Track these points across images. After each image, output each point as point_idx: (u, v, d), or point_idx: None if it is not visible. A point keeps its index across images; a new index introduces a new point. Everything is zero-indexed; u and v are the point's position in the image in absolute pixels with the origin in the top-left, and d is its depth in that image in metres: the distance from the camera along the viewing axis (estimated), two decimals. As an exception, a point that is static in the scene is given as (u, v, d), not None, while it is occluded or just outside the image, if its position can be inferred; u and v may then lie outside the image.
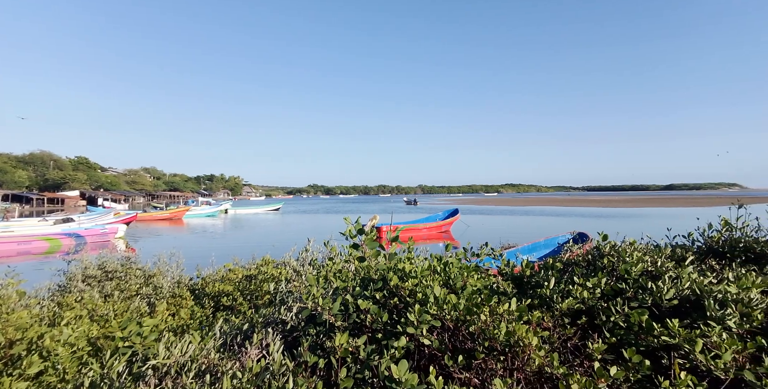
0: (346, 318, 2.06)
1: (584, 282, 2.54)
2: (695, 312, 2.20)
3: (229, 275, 3.80)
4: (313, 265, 3.60)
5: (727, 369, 1.63)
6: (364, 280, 2.50)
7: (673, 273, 2.53)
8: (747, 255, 2.65)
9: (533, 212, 40.66)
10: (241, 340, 1.98)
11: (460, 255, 3.27)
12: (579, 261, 3.31)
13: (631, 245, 3.23)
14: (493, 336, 1.89)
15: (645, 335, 2.04)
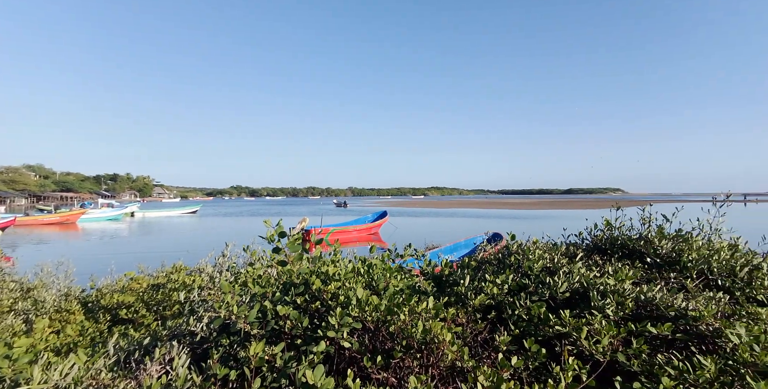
0: (264, 326, 1.98)
1: (494, 279, 2.76)
2: (582, 302, 2.50)
3: (131, 285, 3.40)
4: (232, 271, 3.39)
5: (605, 353, 1.89)
6: (285, 285, 2.42)
7: (566, 269, 2.85)
8: (623, 251, 3.10)
9: (456, 214, 43.07)
10: (140, 356, 1.78)
11: (385, 256, 3.34)
12: (491, 260, 3.58)
13: (534, 244, 3.60)
14: (411, 334, 1.95)
15: (543, 326, 2.27)
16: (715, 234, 2.89)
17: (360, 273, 2.65)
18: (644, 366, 1.77)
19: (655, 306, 2.25)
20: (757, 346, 1.67)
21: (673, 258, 2.76)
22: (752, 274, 2.42)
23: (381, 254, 3.39)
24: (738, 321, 1.95)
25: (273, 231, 2.38)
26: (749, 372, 1.56)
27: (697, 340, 1.96)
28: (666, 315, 2.17)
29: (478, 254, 3.92)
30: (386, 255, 3.33)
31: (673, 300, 2.21)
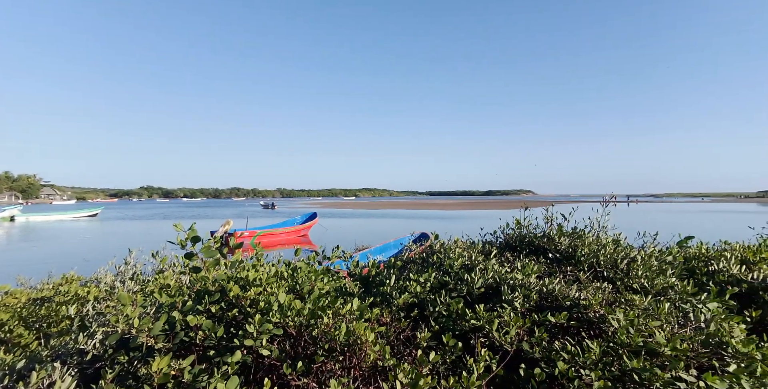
0: (171, 339, 1.81)
1: (418, 278, 2.85)
2: (495, 296, 2.70)
3: (5, 300, 2.88)
4: (136, 281, 3.05)
5: (512, 343, 2.06)
6: (199, 293, 2.24)
7: (482, 266, 3.05)
8: (530, 248, 3.42)
9: (388, 215, 43.87)
10: (11, 383, 1.51)
11: (312, 259, 3.27)
12: (416, 259, 3.71)
13: (455, 243, 3.81)
14: (334, 337, 1.93)
15: (460, 320, 2.41)
16: (602, 231, 3.32)
17: (283, 278, 2.56)
18: (544, 352, 1.96)
19: (554, 297, 2.51)
20: (632, 329, 1.95)
21: (570, 253, 3.11)
22: (630, 266, 2.82)
23: (308, 256, 3.32)
24: (618, 308, 2.26)
25: (185, 235, 2.19)
26: (625, 352, 1.82)
27: (587, 326, 2.23)
28: (563, 305, 2.44)
29: (404, 254, 4.03)
30: (313, 258, 3.27)
31: (569, 291, 2.49)
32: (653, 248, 3.12)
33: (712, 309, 2.12)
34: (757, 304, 2.36)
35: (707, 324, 2.01)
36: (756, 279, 2.44)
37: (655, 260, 2.82)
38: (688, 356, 1.80)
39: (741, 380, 1.46)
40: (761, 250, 2.82)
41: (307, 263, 2.85)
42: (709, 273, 2.73)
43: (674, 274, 2.68)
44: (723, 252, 2.95)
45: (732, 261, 2.68)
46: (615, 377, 1.70)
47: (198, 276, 2.31)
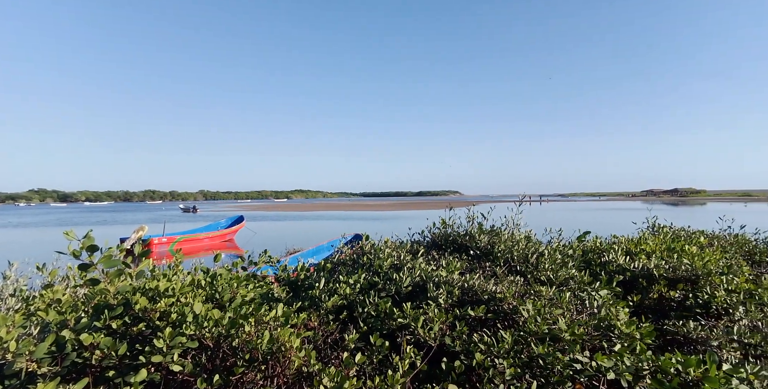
0: (60, 361, 1.58)
1: (347, 280, 2.85)
2: (422, 294, 2.79)
3: None
4: (19, 297, 2.62)
5: (436, 338, 2.15)
6: (97, 308, 1.99)
7: (410, 265, 3.14)
8: (454, 246, 3.61)
9: (322, 217, 43.20)
10: None
11: (237, 264, 3.10)
12: (347, 261, 3.70)
13: (385, 243, 3.88)
14: (256, 346, 1.84)
15: (388, 319, 2.45)
16: (516, 229, 3.62)
17: (200, 286, 2.38)
18: (464, 345, 2.08)
19: (474, 291, 2.67)
20: (539, 318, 2.14)
21: (489, 250, 3.34)
22: (539, 260, 3.12)
23: (232, 262, 3.14)
24: (528, 299, 2.47)
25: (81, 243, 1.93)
26: (533, 339, 2.00)
27: (502, 317, 2.41)
28: (482, 299, 2.60)
29: (335, 256, 4.00)
30: (237, 263, 3.10)
31: (487, 285, 2.67)
32: (558, 243, 3.48)
33: (603, 296, 2.42)
34: (637, 290, 2.75)
35: (599, 309, 2.30)
36: (637, 268, 2.85)
37: (559, 254, 3.14)
38: (584, 339, 2.03)
39: (624, 358, 1.69)
40: (641, 243, 3.30)
41: (228, 269, 2.69)
42: (602, 264, 3.12)
43: (574, 266, 3.02)
44: (612, 245, 3.39)
45: (619, 253, 3.09)
46: (524, 363, 1.86)
47: (97, 289, 2.05)
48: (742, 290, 2.32)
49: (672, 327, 2.17)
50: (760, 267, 3.34)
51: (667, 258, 2.84)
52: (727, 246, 3.46)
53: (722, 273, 2.52)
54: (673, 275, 2.65)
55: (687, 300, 2.43)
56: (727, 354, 1.88)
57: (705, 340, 1.97)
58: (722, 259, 2.88)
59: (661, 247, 3.11)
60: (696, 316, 2.30)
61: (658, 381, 1.51)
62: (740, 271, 2.65)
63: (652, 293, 2.62)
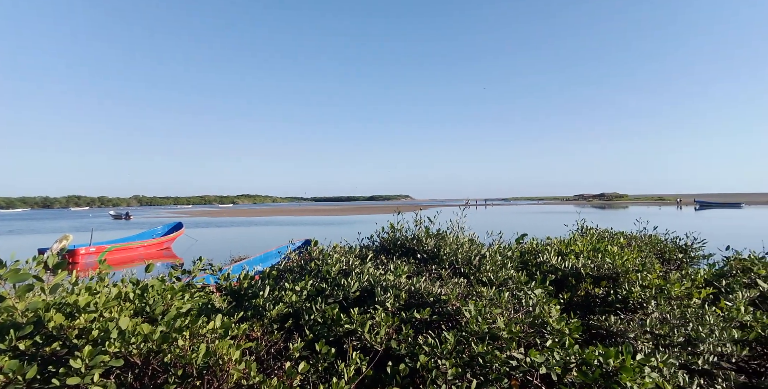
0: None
1: (293, 287, 2.78)
2: (370, 299, 2.80)
3: None
4: None
5: (382, 342, 2.16)
6: (2, 328, 1.76)
7: (359, 270, 3.13)
8: (402, 250, 3.67)
9: (273, 222, 41.75)
10: None
11: (172, 275, 2.90)
12: (294, 268, 3.60)
13: (334, 249, 3.84)
14: (190, 361, 1.73)
15: (335, 326, 2.42)
16: (460, 232, 3.76)
17: (128, 299, 2.19)
18: (409, 348, 2.11)
19: (420, 294, 2.73)
20: (480, 318, 2.23)
21: (435, 253, 3.43)
22: (481, 261, 3.26)
23: (168, 272, 2.93)
24: (470, 300, 2.57)
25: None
26: (474, 339, 2.08)
27: (446, 319, 2.49)
28: (427, 301, 2.66)
29: (282, 263, 3.89)
30: (173, 273, 2.90)
31: (432, 288, 2.73)
32: (498, 245, 3.67)
33: (538, 295, 2.58)
34: (567, 288, 2.98)
35: (534, 307, 2.45)
36: (567, 268, 3.09)
37: (499, 256, 3.31)
38: (520, 337, 2.15)
39: (554, 352, 1.81)
40: (570, 244, 3.58)
41: (162, 280, 2.50)
42: (537, 264, 3.33)
43: (513, 267, 3.19)
44: (546, 246, 3.64)
45: (552, 254, 3.33)
46: (465, 363, 1.93)
47: (2, 307, 1.81)
48: (654, 286, 2.61)
49: (596, 322, 2.37)
50: (669, 264, 3.77)
51: (593, 258, 3.10)
52: (642, 245, 3.87)
53: (638, 270, 2.81)
54: (597, 273, 2.90)
55: (609, 296, 2.67)
56: (642, 344, 2.09)
57: (623, 333, 2.18)
58: (638, 258, 3.21)
59: (588, 248, 3.40)
60: (616, 311, 2.54)
61: (582, 373, 1.64)
62: (653, 269, 2.98)
63: (580, 290, 2.85)
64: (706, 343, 2.00)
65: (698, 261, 3.89)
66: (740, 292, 2.56)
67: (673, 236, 4.24)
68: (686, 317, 2.22)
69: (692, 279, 2.92)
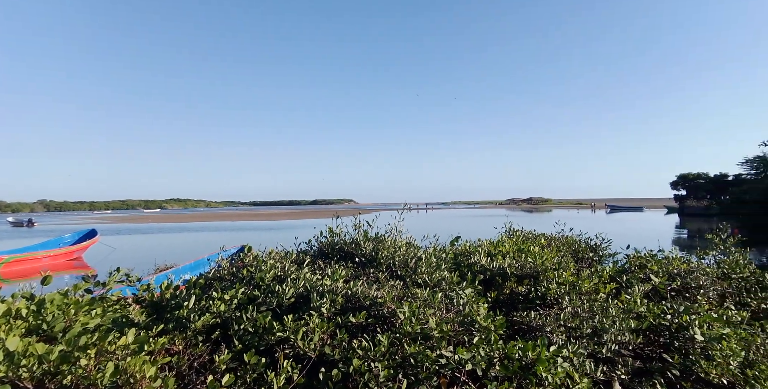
0: None
1: (222, 296, 2.62)
2: (306, 305, 2.73)
3: None
4: None
5: (315, 349, 2.12)
6: None
7: (295, 275, 3.05)
8: (340, 254, 3.64)
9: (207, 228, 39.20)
10: None
11: (80, 287, 2.59)
12: (225, 275, 3.41)
13: (269, 254, 3.70)
14: (95, 381, 1.55)
15: (267, 334, 2.33)
16: (398, 235, 3.83)
17: (20, 316, 1.91)
18: (343, 353, 2.09)
19: (357, 298, 2.72)
20: (414, 319, 2.29)
21: (373, 257, 3.46)
22: (417, 264, 3.34)
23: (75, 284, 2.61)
24: (405, 302, 2.62)
25: None
26: (407, 340, 2.12)
27: (382, 322, 2.51)
28: (364, 305, 2.67)
29: (211, 271, 3.66)
30: (81, 286, 2.59)
31: (369, 291, 2.75)
32: (434, 247, 3.80)
33: (468, 294, 2.71)
34: (495, 286, 3.17)
35: (464, 306, 2.56)
36: (495, 268, 3.28)
37: (434, 258, 3.42)
38: (450, 335, 2.23)
39: (480, 348, 1.91)
40: (498, 245, 3.82)
41: (64, 293, 2.22)
42: (469, 265, 3.50)
43: (446, 268, 3.32)
44: (477, 248, 3.84)
45: (482, 255, 3.52)
46: (398, 364, 1.96)
47: None
48: (568, 283, 2.87)
49: (519, 318, 2.55)
50: (582, 262, 4.18)
51: (518, 258, 3.33)
52: (560, 246, 4.25)
53: (555, 269, 3.08)
54: (521, 272, 3.12)
55: (530, 293, 2.89)
56: (556, 337, 2.28)
57: (541, 327, 2.36)
58: (556, 257, 3.51)
59: (513, 249, 3.65)
60: (536, 307, 2.75)
61: (504, 367, 1.74)
62: (568, 267, 3.28)
63: (506, 289, 3.05)
64: (609, 333, 2.24)
65: (605, 259, 4.37)
66: (637, 286, 2.92)
67: (586, 237, 4.72)
68: (593, 310, 2.47)
69: (599, 276, 3.26)
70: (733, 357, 1.95)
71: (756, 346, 2.04)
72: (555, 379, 1.70)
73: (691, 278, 3.21)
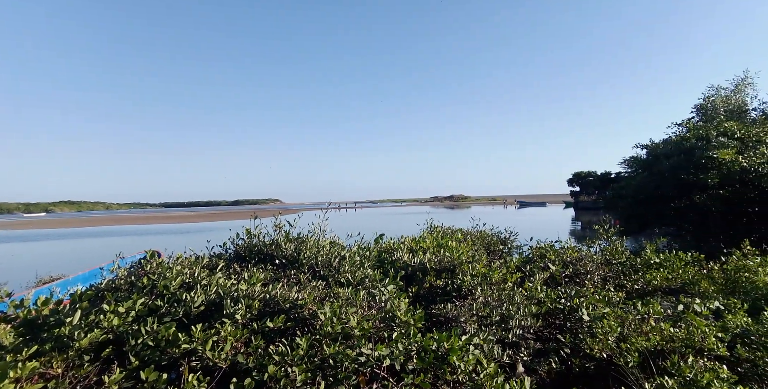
0: None
1: (116, 308, 2.32)
2: (218, 312, 2.54)
3: None
4: None
5: (227, 358, 1.97)
6: None
7: (206, 281, 2.82)
8: (259, 257, 3.45)
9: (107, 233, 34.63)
10: None
11: None
12: (121, 285, 3.03)
13: (177, 260, 3.36)
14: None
15: (171, 347, 2.10)
16: (322, 235, 3.76)
17: None
18: (258, 360, 1.98)
19: (276, 302, 2.60)
20: (335, 319, 2.25)
21: (295, 258, 3.34)
22: (340, 263, 3.31)
23: None
24: (327, 302, 2.57)
25: None
26: (327, 340, 2.07)
27: (302, 324, 2.43)
28: (283, 308, 2.56)
29: (103, 281, 3.22)
30: None
31: (289, 293, 2.64)
32: (358, 246, 3.79)
33: (390, 291, 2.75)
34: (416, 281, 3.27)
35: (386, 303, 2.60)
36: (416, 263, 3.39)
37: (358, 256, 3.42)
38: (371, 332, 2.24)
39: (398, 343, 1.94)
40: (420, 241, 3.96)
41: None
42: (392, 261, 3.57)
43: (370, 266, 3.34)
44: (401, 244, 3.94)
45: (404, 251, 3.61)
46: (317, 366, 1.91)
47: None
48: (481, 274, 3.08)
49: (437, 310, 2.65)
50: (494, 255, 4.52)
51: (437, 253, 3.48)
52: (475, 240, 4.55)
53: (469, 262, 3.28)
54: (439, 267, 3.27)
55: (448, 286, 3.04)
56: (469, 326, 2.42)
57: (456, 317, 2.49)
58: (470, 251, 3.75)
59: (434, 244, 3.80)
60: (453, 299, 2.89)
61: (420, 359, 1.79)
62: (481, 259, 3.52)
63: (426, 283, 3.16)
64: (514, 319, 2.44)
65: (513, 250, 4.78)
66: (538, 275, 3.24)
67: (497, 231, 5.12)
68: (502, 299, 2.68)
69: (507, 267, 3.55)
70: (611, 333, 2.26)
71: (628, 322, 2.39)
72: (467, 367, 1.79)
73: (580, 265, 3.65)
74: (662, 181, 9.72)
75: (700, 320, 2.32)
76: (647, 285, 3.64)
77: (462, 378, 1.80)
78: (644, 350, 2.17)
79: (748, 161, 8.04)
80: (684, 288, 3.59)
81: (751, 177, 8.00)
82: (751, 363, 2.15)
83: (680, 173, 9.15)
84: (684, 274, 3.75)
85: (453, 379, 1.79)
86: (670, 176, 9.47)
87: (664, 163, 9.73)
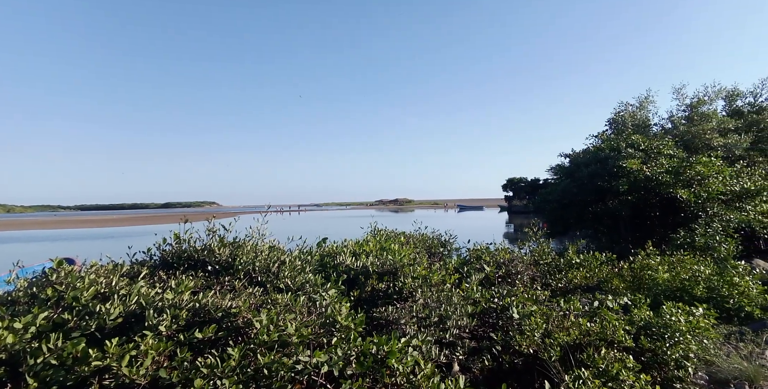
0: None
1: (11, 324, 2.01)
2: (138, 324, 2.31)
3: None
4: None
5: (147, 374, 1.79)
6: None
7: (125, 291, 2.55)
8: (189, 263, 3.20)
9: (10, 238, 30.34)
10: None
11: None
12: (20, 298, 2.65)
13: (91, 268, 3.01)
14: None
15: (79, 365, 1.88)
16: (260, 239, 3.59)
17: None
18: (184, 374, 1.82)
19: (207, 311, 2.42)
20: (272, 326, 2.15)
21: (230, 263, 3.15)
22: (280, 268, 3.18)
23: None
24: (264, 309, 2.45)
25: None
26: (262, 349, 1.98)
27: (235, 333, 2.29)
28: (215, 317, 2.39)
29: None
30: None
31: (222, 301, 2.48)
32: (299, 250, 3.68)
33: (331, 295, 2.70)
34: (358, 285, 3.25)
35: (326, 308, 2.54)
36: (359, 267, 3.37)
37: (299, 260, 3.32)
38: (311, 339, 2.18)
39: (337, 349, 1.90)
40: (363, 244, 3.95)
41: None
42: (335, 265, 3.51)
43: (311, 270, 3.25)
44: (344, 248, 3.89)
45: (347, 255, 3.57)
46: (249, 377, 1.81)
47: None
48: (421, 276, 3.14)
49: (378, 314, 2.66)
50: (434, 257, 4.66)
51: (380, 256, 3.49)
52: (417, 243, 4.65)
53: (411, 264, 3.34)
54: (381, 270, 3.28)
55: (389, 289, 3.06)
56: (409, 328, 2.46)
57: (397, 320, 2.51)
58: (412, 253, 3.82)
59: (376, 247, 3.81)
60: (394, 301, 2.92)
61: (359, 363, 1.77)
62: (422, 262, 3.60)
63: (368, 286, 3.16)
64: (451, 320, 2.52)
65: (452, 252, 4.97)
66: (474, 276, 3.39)
67: (438, 234, 5.29)
68: (440, 300, 2.76)
69: (446, 268, 3.67)
70: (537, 330, 2.43)
71: (552, 319, 2.59)
72: (405, 369, 1.81)
73: (512, 266, 3.89)
74: (582, 187, 10.74)
75: (611, 315, 2.58)
76: (569, 283, 3.98)
77: (400, 380, 1.81)
78: (565, 344, 2.36)
79: (650, 170, 9.18)
80: (599, 286, 3.98)
81: (652, 185, 9.14)
82: (653, 352, 2.43)
83: (597, 180, 10.19)
84: (599, 273, 4.17)
85: (391, 382, 1.79)
86: (589, 183, 10.51)
87: (584, 171, 10.77)
